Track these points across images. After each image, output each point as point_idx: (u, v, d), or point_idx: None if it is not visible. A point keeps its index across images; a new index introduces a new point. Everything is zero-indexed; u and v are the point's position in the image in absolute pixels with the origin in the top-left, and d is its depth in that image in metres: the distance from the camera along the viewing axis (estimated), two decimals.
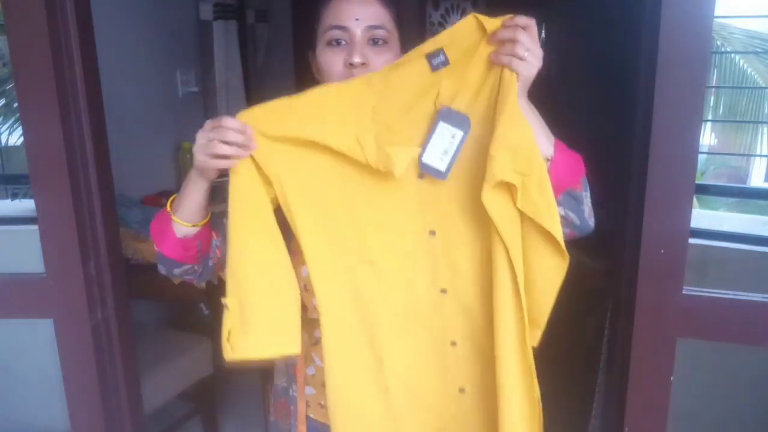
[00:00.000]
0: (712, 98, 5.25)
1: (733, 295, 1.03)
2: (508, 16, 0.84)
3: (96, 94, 1.15)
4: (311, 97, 0.88)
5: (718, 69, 5.26)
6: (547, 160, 0.89)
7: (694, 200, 1.06)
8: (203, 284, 1.85)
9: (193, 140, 0.89)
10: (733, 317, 1.04)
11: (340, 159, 0.90)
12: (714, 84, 5.09)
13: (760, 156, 5.66)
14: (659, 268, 1.01)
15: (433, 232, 0.95)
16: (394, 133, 0.89)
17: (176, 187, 3.09)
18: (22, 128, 1.07)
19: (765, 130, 5.56)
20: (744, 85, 5.29)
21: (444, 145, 0.87)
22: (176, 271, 1.02)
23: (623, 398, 1.08)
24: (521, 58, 0.83)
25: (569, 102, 4.31)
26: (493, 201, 0.85)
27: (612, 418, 1.17)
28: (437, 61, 0.85)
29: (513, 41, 0.83)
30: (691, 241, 1.01)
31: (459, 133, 0.86)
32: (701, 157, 4.28)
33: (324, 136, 0.87)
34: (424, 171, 0.89)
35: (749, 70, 5.26)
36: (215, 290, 1.88)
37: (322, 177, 0.91)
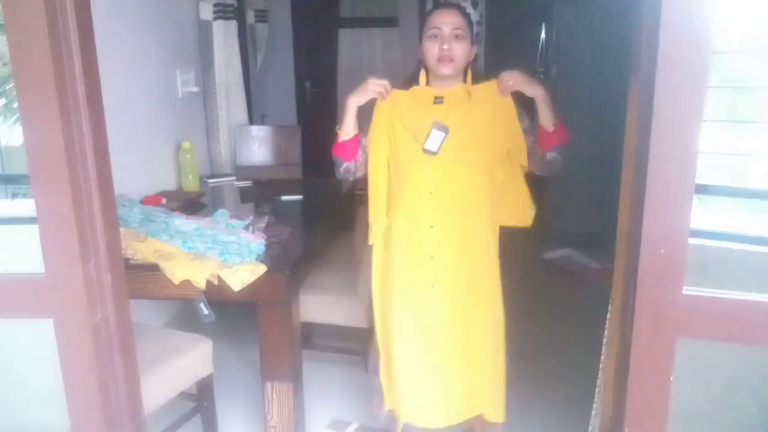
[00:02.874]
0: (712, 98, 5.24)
1: (733, 295, 1.03)
2: (494, 82, 1.78)
3: (96, 94, 1.14)
4: (413, 90, 1.84)
5: (718, 69, 5.25)
6: (555, 126, 1.73)
7: (694, 200, 1.06)
8: (214, 280, 1.86)
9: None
10: (733, 317, 1.04)
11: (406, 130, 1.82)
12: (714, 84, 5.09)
13: (760, 156, 5.65)
14: (659, 268, 1.01)
15: (431, 193, 1.79)
16: (419, 126, 1.81)
17: (176, 187, 3.11)
18: (22, 128, 1.07)
19: (765, 130, 5.55)
20: (744, 85, 5.28)
21: (435, 139, 1.75)
22: (341, 168, 1.89)
23: (623, 398, 1.08)
24: (523, 85, 1.74)
25: (569, 102, 4.33)
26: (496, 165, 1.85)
27: (612, 418, 1.17)
28: (438, 102, 1.80)
29: (513, 82, 1.76)
30: (691, 241, 1.01)
31: (442, 134, 1.75)
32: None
33: (401, 114, 1.83)
34: (425, 152, 1.76)
35: (749, 70, 5.25)
36: (214, 290, 1.89)
37: (399, 132, 1.83)
